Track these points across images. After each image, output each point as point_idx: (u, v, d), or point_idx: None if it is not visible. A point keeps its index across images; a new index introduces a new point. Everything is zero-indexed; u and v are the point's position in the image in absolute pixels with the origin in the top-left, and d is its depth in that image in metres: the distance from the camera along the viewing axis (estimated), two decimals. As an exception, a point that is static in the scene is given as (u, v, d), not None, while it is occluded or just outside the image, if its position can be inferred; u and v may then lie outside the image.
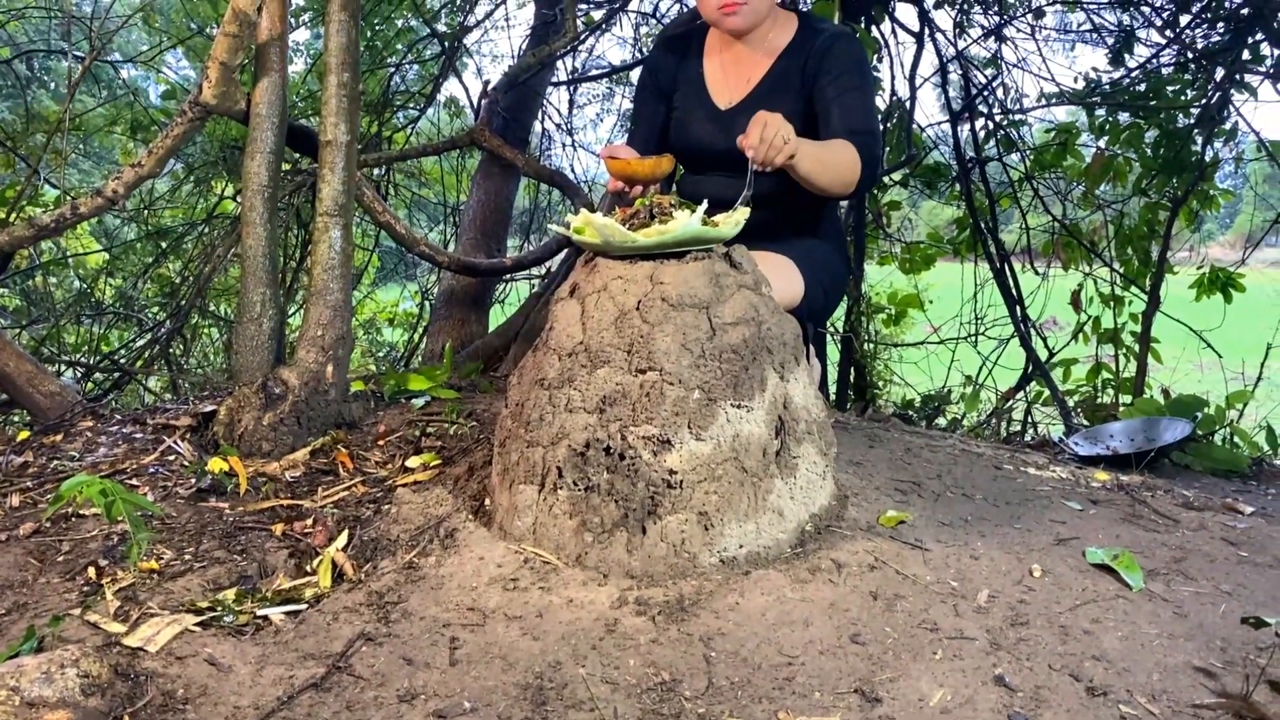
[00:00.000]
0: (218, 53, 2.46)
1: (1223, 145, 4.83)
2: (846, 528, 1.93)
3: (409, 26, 5.37)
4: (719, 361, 1.83)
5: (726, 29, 2.39)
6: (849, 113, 2.29)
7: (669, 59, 2.57)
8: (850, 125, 2.26)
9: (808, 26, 2.44)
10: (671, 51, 2.58)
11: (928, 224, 6.82)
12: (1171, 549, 2.03)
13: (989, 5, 5.19)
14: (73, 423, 2.70)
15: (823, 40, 2.37)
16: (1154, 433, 3.59)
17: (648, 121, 2.58)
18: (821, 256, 2.44)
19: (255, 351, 2.54)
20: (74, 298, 5.35)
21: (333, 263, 2.53)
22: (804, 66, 2.38)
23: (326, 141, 2.54)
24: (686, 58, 2.53)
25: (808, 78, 2.37)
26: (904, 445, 2.61)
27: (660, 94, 2.56)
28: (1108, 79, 4.97)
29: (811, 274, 2.34)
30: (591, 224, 1.93)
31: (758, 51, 2.44)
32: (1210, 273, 4.79)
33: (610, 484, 1.79)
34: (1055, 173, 5.24)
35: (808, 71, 2.37)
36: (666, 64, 2.56)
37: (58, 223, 2.66)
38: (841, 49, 2.36)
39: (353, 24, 2.57)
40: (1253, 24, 4.37)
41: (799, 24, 2.45)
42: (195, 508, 2.16)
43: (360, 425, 2.60)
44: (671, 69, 2.55)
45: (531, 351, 2.03)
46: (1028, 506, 2.20)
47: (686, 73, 2.52)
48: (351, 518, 2.09)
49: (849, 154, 2.22)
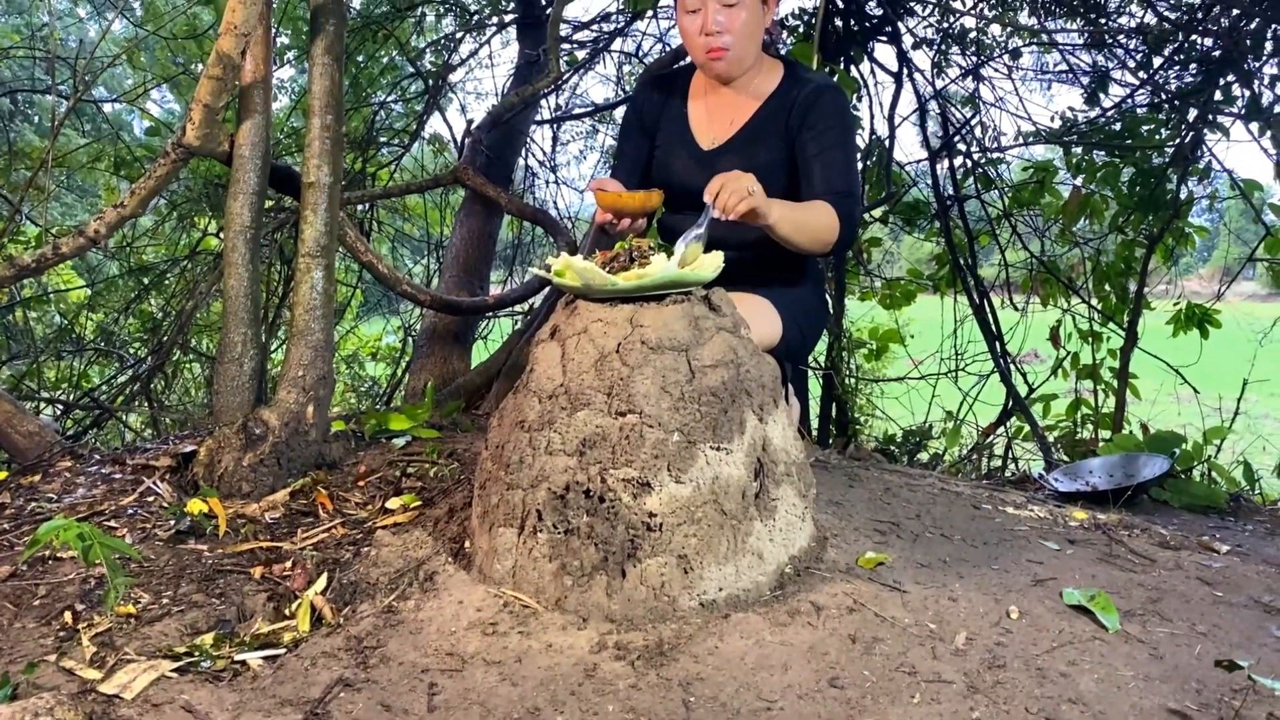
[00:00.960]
0: (201, 95, 2.47)
1: (1197, 183, 4.91)
2: (826, 569, 1.94)
3: (393, 64, 5.41)
4: (698, 404, 1.85)
5: (713, 74, 2.42)
6: (829, 171, 2.32)
7: (655, 97, 2.59)
8: (830, 186, 2.29)
9: (794, 75, 2.46)
10: (657, 90, 2.60)
11: (908, 259, 6.89)
12: (1148, 589, 2.04)
13: (966, 46, 5.27)
14: (51, 463, 2.69)
15: (808, 92, 2.40)
16: (1133, 469, 3.62)
17: (630, 157, 2.60)
18: (799, 298, 2.47)
19: (236, 392, 2.54)
20: (55, 334, 5.33)
21: (314, 303, 2.54)
22: (788, 115, 2.40)
23: (310, 183, 2.56)
24: (672, 97, 2.56)
25: (791, 127, 2.39)
26: (883, 484, 2.63)
27: (644, 131, 2.59)
28: (1084, 118, 5.05)
29: (789, 316, 2.36)
30: (571, 267, 1.95)
31: (742, 95, 2.46)
32: (1187, 309, 4.85)
33: (590, 527, 1.80)
34: (1033, 210, 5.32)
35: (792, 121, 2.39)
36: (652, 102, 2.58)
37: (39, 262, 2.65)
38: (827, 103, 2.38)
39: (336, 67, 2.60)
40: (1223, 66, 4.45)
41: (785, 72, 2.48)
42: (174, 550, 2.15)
43: (341, 465, 2.60)
44: (657, 107, 2.57)
45: (512, 393, 2.04)
46: (1005, 547, 2.22)
47: (671, 112, 2.55)
48: (331, 560, 2.08)
49: (827, 216, 2.25)
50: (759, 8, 2.35)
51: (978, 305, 4.99)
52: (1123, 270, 4.96)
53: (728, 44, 2.32)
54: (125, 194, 2.64)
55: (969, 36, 5.30)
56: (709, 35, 2.31)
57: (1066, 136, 5.04)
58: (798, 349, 2.50)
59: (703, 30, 2.31)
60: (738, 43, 2.33)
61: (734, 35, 2.31)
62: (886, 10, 4.84)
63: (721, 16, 2.29)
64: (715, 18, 2.29)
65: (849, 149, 2.40)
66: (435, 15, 5.44)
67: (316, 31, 2.61)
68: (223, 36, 2.39)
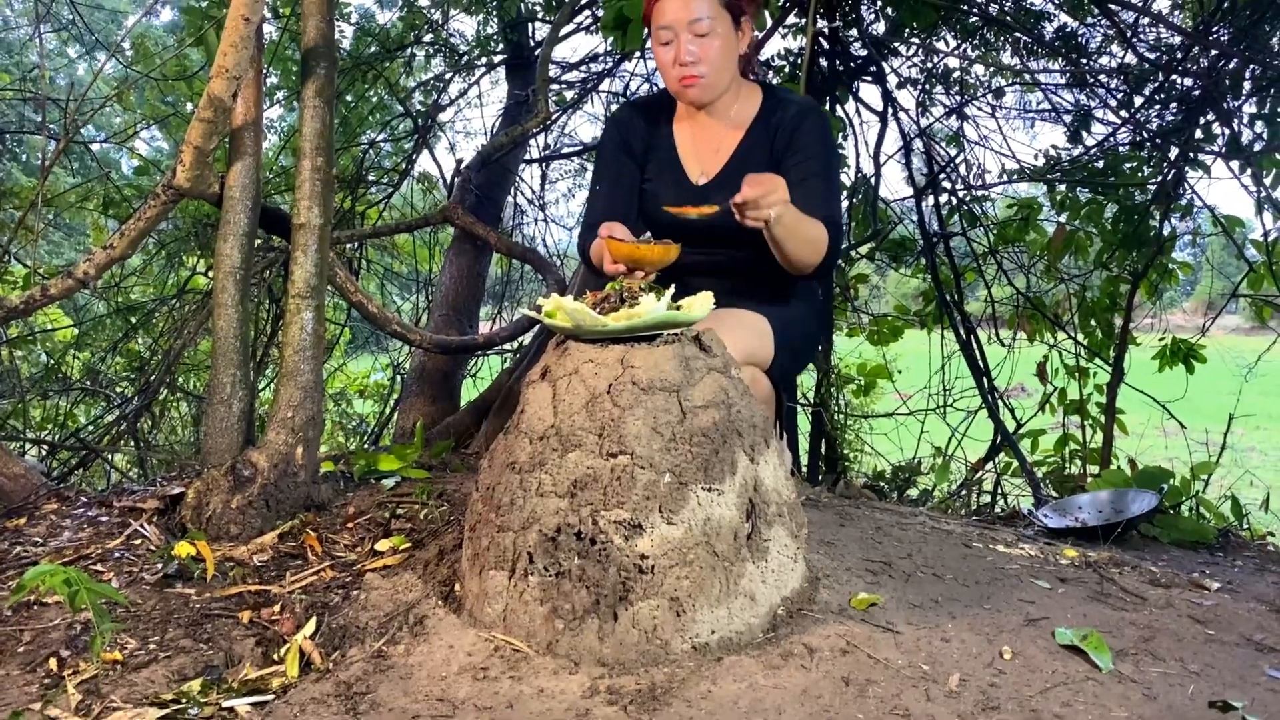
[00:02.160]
0: (192, 137, 2.48)
1: (1180, 220, 4.97)
2: (818, 611, 1.94)
3: (383, 103, 5.45)
4: (689, 445, 1.85)
5: (687, 100, 2.44)
6: (813, 197, 2.31)
7: (639, 122, 2.56)
8: (814, 212, 2.28)
9: (774, 98, 2.48)
10: (642, 115, 2.57)
11: (895, 294, 6.93)
12: (1140, 628, 2.04)
13: (950, 85, 5.34)
14: (37, 506, 2.66)
15: (791, 116, 2.43)
16: (1122, 504, 3.63)
17: (621, 182, 2.54)
18: (793, 315, 2.46)
19: (225, 433, 2.53)
20: (41, 373, 5.30)
21: (304, 344, 2.54)
22: (773, 140, 2.43)
23: (300, 224, 2.56)
24: (657, 124, 2.55)
25: (776, 152, 2.42)
26: (874, 523, 2.63)
27: (632, 155, 2.55)
28: (1067, 156, 5.11)
29: (783, 332, 2.37)
30: (562, 308, 1.96)
31: (723, 123, 2.49)
32: (1171, 344, 4.89)
33: (581, 570, 1.79)
34: (1018, 247, 5.36)
35: (776, 146, 2.42)
36: (637, 126, 2.55)
37: (27, 304, 2.65)
38: (810, 127, 2.41)
39: (327, 110, 2.61)
40: (1203, 105, 4.52)
41: (764, 95, 2.49)
42: (161, 594, 2.13)
43: (330, 507, 2.58)
44: (643, 133, 2.55)
45: (503, 434, 2.04)
46: (997, 586, 2.22)
47: (658, 140, 2.54)
48: (320, 604, 2.06)
49: (821, 234, 2.26)
50: (733, 35, 2.37)
51: (964, 341, 5.02)
52: (1108, 306, 5.00)
53: (702, 72, 2.34)
54: (114, 235, 2.65)
55: (953, 76, 5.38)
56: (682, 65, 2.34)
57: (1050, 174, 5.10)
58: (789, 368, 2.49)
59: (676, 61, 2.34)
60: (711, 71, 2.35)
61: (707, 64, 2.34)
62: (871, 51, 4.90)
63: (694, 46, 2.33)
64: (688, 48, 2.32)
65: (832, 175, 2.42)
66: (425, 55, 5.49)
67: (307, 74, 2.63)
68: (214, 79, 2.41)
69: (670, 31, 2.32)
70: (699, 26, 2.31)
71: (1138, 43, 4.73)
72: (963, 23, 5.00)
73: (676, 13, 2.30)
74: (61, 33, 7.16)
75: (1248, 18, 4.39)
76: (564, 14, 4.55)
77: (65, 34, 7.47)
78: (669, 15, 2.31)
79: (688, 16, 2.30)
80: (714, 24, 2.32)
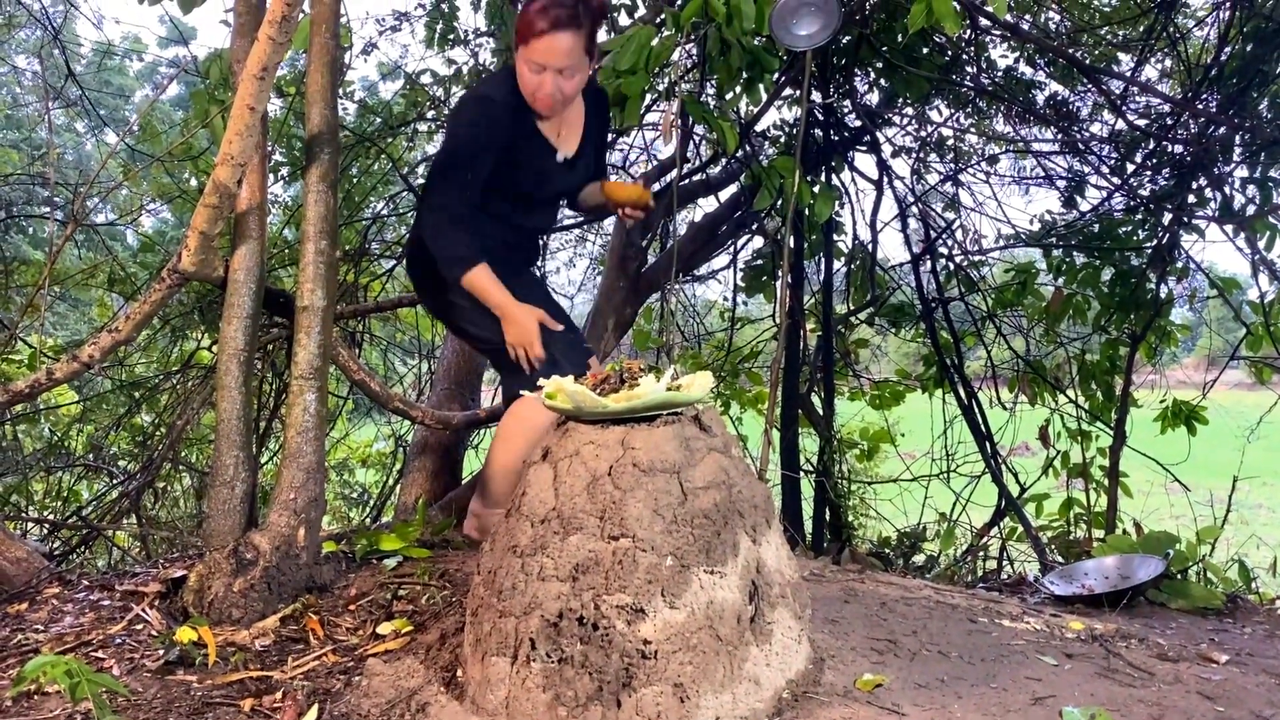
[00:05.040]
0: (197, 222, 2.52)
1: (1176, 282, 5.01)
2: (824, 693, 1.92)
3: (387, 178, 5.53)
4: (691, 527, 1.85)
5: (538, 112, 2.79)
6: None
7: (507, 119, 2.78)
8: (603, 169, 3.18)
9: (592, 87, 2.98)
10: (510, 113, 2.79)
11: (896, 357, 6.95)
12: (1148, 705, 2.02)
13: (944, 153, 5.42)
14: (39, 590, 2.66)
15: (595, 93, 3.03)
16: (1128, 570, 3.61)
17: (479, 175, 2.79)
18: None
19: (228, 515, 2.53)
20: (45, 449, 5.31)
21: (306, 425, 2.55)
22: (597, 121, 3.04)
23: (303, 307, 2.59)
24: (518, 115, 2.81)
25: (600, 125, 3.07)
26: (879, 599, 2.61)
27: (495, 150, 2.78)
28: (1062, 221, 5.17)
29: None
30: (563, 389, 1.98)
31: (570, 112, 2.91)
32: (1173, 406, 4.90)
33: (584, 655, 1.78)
34: (1016, 311, 5.40)
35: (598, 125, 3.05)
36: (504, 123, 2.78)
37: (32, 388, 2.67)
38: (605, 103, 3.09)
39: (331, 194, 2.66)
40: (1195, 170, 4.59)
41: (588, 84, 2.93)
42: (162, 681, 2.12)
43: (332, 588, 2.57)
44: (509, 129, 2.79)
45: (505, 517, 2.04)
46: (1003, 663, 2.20)
47: (524, 129, 2.83)
48: (322, 690, 2.05)
49: None
50: (586, 66, 2.75)
51: (966, 406, 5.03)
52: (1108, 369, 5.02)
53: (558, 100, 2.74)
54: (119, 319, 2.68)
55: (947, 144, 5.46)
56: (546, 94, 2.70)
57: (1046, 239, 5.15)
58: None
59: (541, 90, 2.70)
60: (566, 100, 2.76)
61: (565, 97, 2.74)
62: (865, 121, 4.98)
63: (560, 83, 2.70)
64: (555, 85, 2.70)
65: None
66: (427, 130, 5.57)
67: (312, 159, 2.67)
68: (219, 166, 2.45)
69: (540, 65, 2.67)
70: (570, 70, 2.70)
71: (1128, 110, 4.81)
72: (955, 92, 5.09)
73: (549, 57, 2.66)
74: (70, 109, 7.30)
75: (1235, 85, 4.47)
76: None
77: (74, 110, 7.61)
78: (540, 56, 2.66)
79: (558, 64, 2.67)
80: (575, 66, 2.70)
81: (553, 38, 2.64)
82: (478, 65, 5.32)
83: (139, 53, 10.52)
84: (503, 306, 2.78)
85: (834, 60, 4.62)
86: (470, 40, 5.40)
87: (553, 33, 2.63)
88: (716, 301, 7.03)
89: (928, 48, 4.63)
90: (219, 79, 3.30)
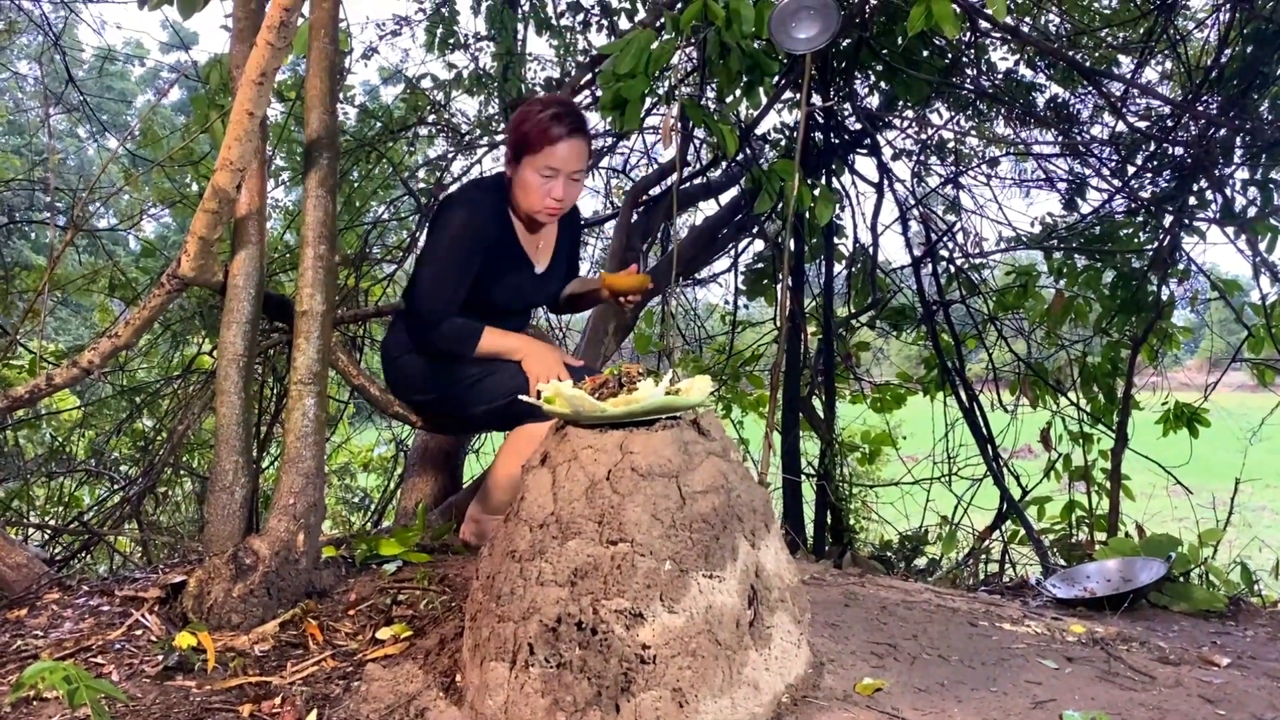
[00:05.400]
0: (197, 228, 2.52)
1: (1177, 285, 5.01)
2: (823, 698, 1.92)
3: (387, 182, 5.53)
4: (690, 531, 1.85)
5: (541, 221, 2.89)
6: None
7: (491, 220, 2.87)
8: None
9: None
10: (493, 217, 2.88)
11: (897, 360, 6.95)
12: (1149, 709, 2.01)
13: (945, 156, 5.42)
14: (39, 595, 2.66)
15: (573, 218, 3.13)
16: (1130, 573, 3.61)
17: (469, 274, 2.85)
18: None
19: (227, 520, 2.53)
20: (46, 454, 5.31)
21: (306, 430, 2.55)
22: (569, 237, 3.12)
23: (303, 311, 2.59)
24: (503, 226, 2.90)
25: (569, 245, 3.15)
26: (879, 602, 2.61)
27: (482, 251, 2.85)
28: (1063, 224, 5.17)
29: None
30: (561, 394, 1.97)
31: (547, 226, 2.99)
32: (1175, 408, 4.89)
33: (583, 660, 1.78)
34: (1018, 313, 5.39)
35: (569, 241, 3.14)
36: (491, 225, 2.87)
37: (32, 394, 2.67)
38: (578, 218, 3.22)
39: (330, 199, 2.66)
40: (1196, 172, 4.58)
41: None
42: (161, 687, 2.12)
43: (331, 594, 2.57)
44: (492, 233, 2.87)
45: (503, 521, 2.04)
46: (1004, 667, 2.19)
47: (503, 237, 2.90)
48: (321, 695, 2.05)
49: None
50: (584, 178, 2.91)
51: (967, 409, 5.02)
52: (1109, 371, 5.02)
53: (565, 208, 2.85)
54: (119, 324, 2.68)
55: (947, 147, 5.45)
56: (556, 201, 2.79)
57: (1047, 241, 5.15)
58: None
59: (551, 195, 2.78)
60: (569, 205, 2.87)
61: (570, 201, 2.86)
62: (865, 124, 4.98)
63: (570, 189, 2.81)
64: (567, 190, 2.80)
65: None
66: (428, 135, 5.58)
67: (311, 164, 2.67)
68: (219, 172, 2.45)
69: (556, 172, 2.76)
70: (576, 175, 2.82)
71: (1128, 112, 4.81)
72: (955, 95, 5.09)
73: (566, 162, 2.76)
74: (72, 114, 7.31)
75: (1235, 87, 4.46)
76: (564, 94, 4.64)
77: (75, 115, 7.62)
78: (558, 161, 2.75)
79: (573, 168, 2.79)
80: (584, 172, 2.88)
81: (572, 143, 2.75)
82: (478, 69, 5.33)
83: (140, 58, 10.52)
84: (521, 347, 2.86)
85: (834, 63, 4.62)
86: (470, 44, 5.42)
87: (570, 138, 2.75)
88: (717, 305, 7.04)
89: (927, 50, 4.64)
90: (219, 84, 3.30)
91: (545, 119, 2.74)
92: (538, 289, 3.05)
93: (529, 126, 2.75)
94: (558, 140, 2.73)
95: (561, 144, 2.74)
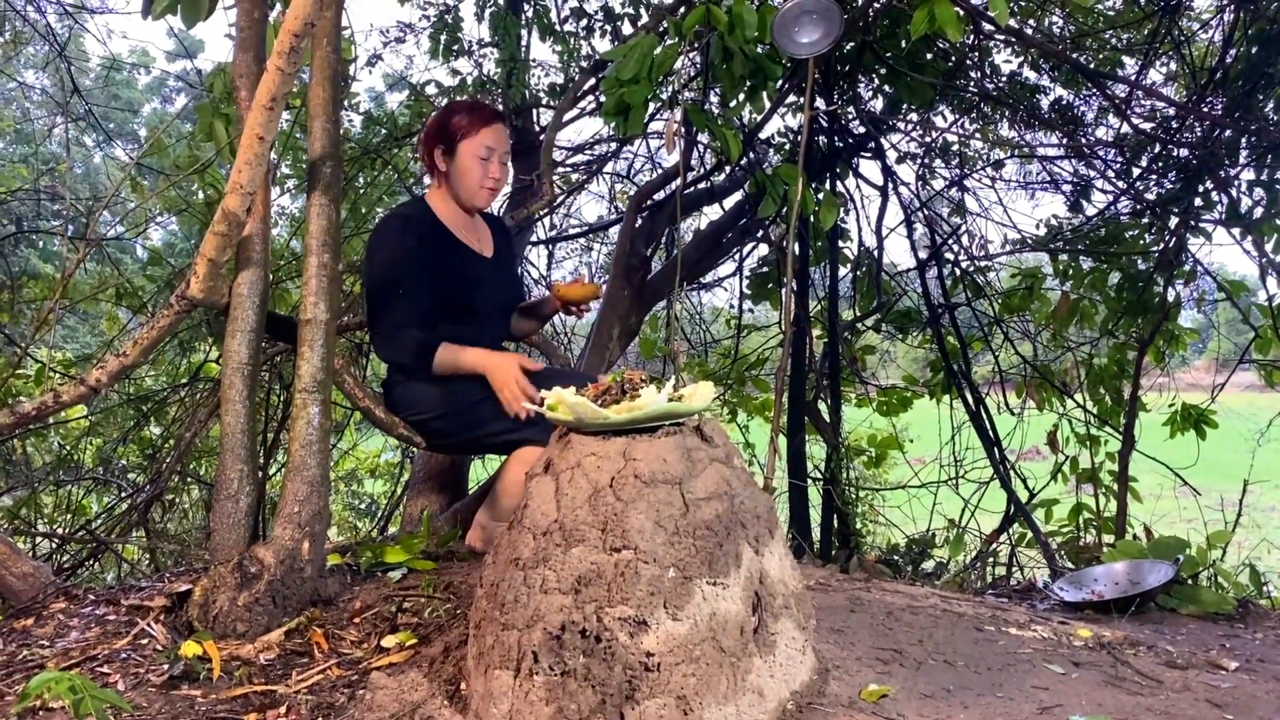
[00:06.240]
0: (206, 250, 2.53)
1: (1183, 286, 4.99)
2: (828, 704, 1.91)
3: (392, 189, 5.54)
4: (693, 538, 1.84)
5: (479, 204, 3.06)
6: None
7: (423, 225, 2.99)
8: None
9: None
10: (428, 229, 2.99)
11: (903, 363, 6.93)
12: (1156, 714, 2.01)
13: (949, 159, 5.41)
14: (45, 605, 2.66)
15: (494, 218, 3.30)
16: (1138, 576, 3.59)
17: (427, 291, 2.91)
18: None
19: (232, 528, 2.54)
20: (54, 463, 5.33)
21: (310, 439, 2.55)
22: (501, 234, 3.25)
23: (306, 320, 2.59)
24: (436, 226, 3.01)
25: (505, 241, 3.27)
26: (885, 608, 2.60)
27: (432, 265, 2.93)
28: (1068, 226, 5.15)
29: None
30: (564, 402, 1.97)
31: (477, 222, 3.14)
32: (1182, 410, 4.88)
33: (587, 668, 1.78)
34: (1023, 316, 5.38)
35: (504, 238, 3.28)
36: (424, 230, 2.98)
37: (39, 410, 2.68)
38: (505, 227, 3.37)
39: (333, 209, 2.66)
40: (1201, 173, 4.57)
41: None
42: (167, 696, 2.12)
43: (336, 601, 2.57)
44: (429, 234, 2.98)
45: (507, 529, 2.04)
46: (1010, 672, 2.19)
47: (442, 235, 3.01)
48: (325, 704, 2.05)
49: None
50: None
51: (974, 412, 5.01)
52: (1116, 373, 5.00)
53: (500, 188, 3.05)
54: (127, 344, 2.69)
55: (952, 150, 5.45)
56: (494, 179, 2.99)
57: (1052, 243, 5.14)
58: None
59: (490, 175, 2.98)
60: (502, 187, 3.09)
61: (504, 181, 3.08)
62: (869, 128, 4.97)
63: (503, 168, 3.02)
64: (501, 169, 3.01)
65: None
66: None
67: (314, 174, 2.68)
68: (229, 195, 2.46)
69: (491, 151, 2.97)
70: (507, 155, 3.05)
71: (1133, 114, 4.80)
72: (959, 98, 5.08)
73: (499, 141, 2.99)
74: (79, 122, 7.35)
75: (1240, 88, 4.45)
76: (567, 100, 4.65)
77: (83, 124, 7.66)
78: (493, 140, 2.97)
79: (505, 146, 3.02)
80: (509, 155, 3.09)
81: (498, 127, 3.00)
82: (482, 76, 5.34)
83: (146, 66, 10.58)
84: (480, 362, 2.87)
85: (837, 67, 4.62)
86: (474, 51, 5.43)
87: (494, 122, 3.00)
88: (722, 309, 7.04)
89: (931, 54, 4.63)
90: (223, 92, 3.31)
91: (469, 109, 3.02)
92: (496, 276, 3.11)
93: (458, 118, 2.97)
94: (490, 121, 2.98)
95: (492, 126, 2.98)
